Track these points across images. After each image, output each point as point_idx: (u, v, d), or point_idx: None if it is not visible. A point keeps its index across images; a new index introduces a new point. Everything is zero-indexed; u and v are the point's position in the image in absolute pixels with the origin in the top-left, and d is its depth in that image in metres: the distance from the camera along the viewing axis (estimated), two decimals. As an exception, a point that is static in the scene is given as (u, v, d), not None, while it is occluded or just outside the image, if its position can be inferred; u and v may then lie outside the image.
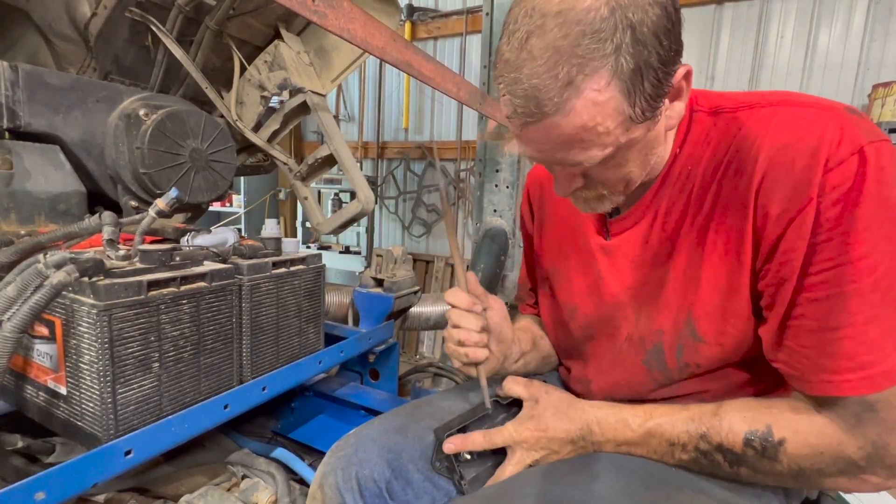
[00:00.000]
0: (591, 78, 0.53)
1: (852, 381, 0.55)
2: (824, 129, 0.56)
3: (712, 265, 0.66)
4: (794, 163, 0.57)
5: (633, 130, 0.58)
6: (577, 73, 0.53)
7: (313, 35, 1.93)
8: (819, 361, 0.57)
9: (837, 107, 0.59)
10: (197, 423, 0.93)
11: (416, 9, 4.50)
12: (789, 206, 0.57)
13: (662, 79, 0.56)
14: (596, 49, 0.52)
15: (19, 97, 1.15)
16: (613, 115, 0.55)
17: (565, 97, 0.54)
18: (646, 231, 0.73)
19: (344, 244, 4.91)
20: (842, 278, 0.54)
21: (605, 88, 0.53)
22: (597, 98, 0.54)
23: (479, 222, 2.24)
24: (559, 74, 0.53)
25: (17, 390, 0.92)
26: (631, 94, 0.54)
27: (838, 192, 0.54)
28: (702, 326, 0.68)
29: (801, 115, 0.59)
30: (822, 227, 0.55)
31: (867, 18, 3.10)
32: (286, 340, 1.17)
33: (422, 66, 1.18)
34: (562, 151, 0.60)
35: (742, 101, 0.66)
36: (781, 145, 0.58)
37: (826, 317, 0.56)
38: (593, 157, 0.60)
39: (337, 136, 1.73)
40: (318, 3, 0.82)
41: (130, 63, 1.62)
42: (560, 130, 0.57)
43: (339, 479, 0.74)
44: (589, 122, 0.55)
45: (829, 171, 0.54)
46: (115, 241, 0.89)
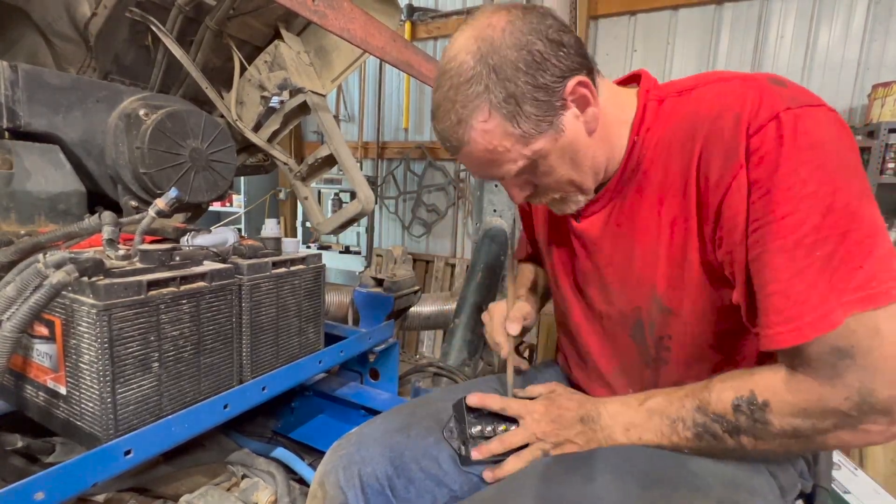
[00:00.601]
0: (475, 113, 0.66)
1: (783, 333, 0.57)
2: (744, 97, 0.61)
3: (667, 239, 0.71)
4: (722, 131, 0.62)
5: (534, 143, 0.68)
6: (462, 113, 0.66)
7: (313, 35, 1.93)
8: (761, 318, 0.60)
9: (760, 77, 0.64)
10: (197, 422, 0.93)
11: (416, 9, 4.49)
12: (724, 172, 0.62)
13: (544, 98, 0.66)
14: (472, 92, 0.65)
15: (19, 97, 1.15)
16: (505, 137, 0.67)
17: (461, 133, 0.68)
18: (608, 216, 0.79)
19: (344, 244, 4.91)
20: (768, 236, 0.58)
21: (489, 118, 0.66)
22: (485, 127, 0.66)
23: (479, 222, 2.23)
24: (452, 117, 0.67)
25: (16, 390, 0.92)
26: (512, 118, 0.65)
27: (759, 155, 0.59)
28: (666, 298, 0.72)
29: (726, 89, 0.65)
30: (752, 189, 0.59)
31: (867, 18, 3.10)
32: (286, 340, 1.17)
33: (422, 66, 1.18)
34: (485, 170, 0.73)
35: (685, 84, 0.72)
36: (713, 117, 0.64)
37: (759, 274, 0.59)
38: (509, 170, 0.71)
39: (337, 136, 1.73)
40: (318, 3, 0.82)
41: (130, 63, 1.62)
42: (473, 156, 0.70)
43: (340, 477, 0.75)
44: (488, 146, 0.68)
45: (751, 137, 0.59)
46: (115, 240, 0.89)
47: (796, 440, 0.60)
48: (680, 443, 0.67)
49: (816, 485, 0.81)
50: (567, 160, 0.72)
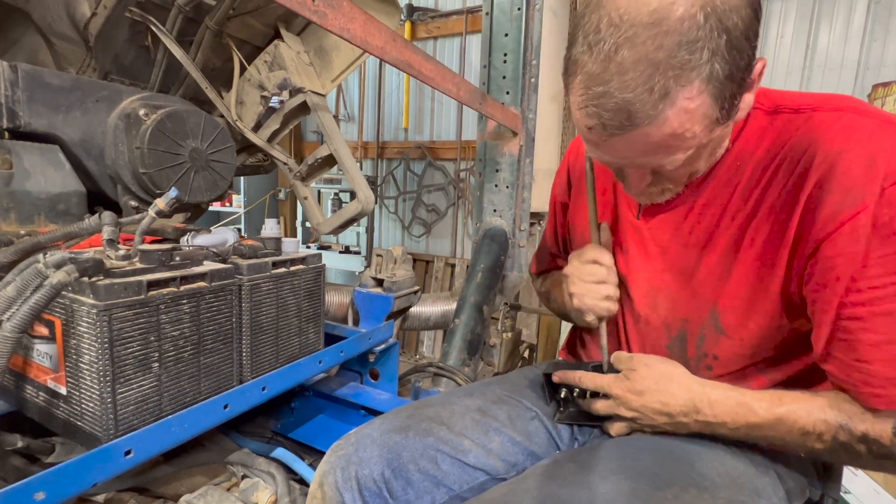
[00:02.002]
0: (686, 87, 0.52)
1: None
2: (883, 140, 0.56)
3: (746, 261, 0.66)
4: (850, 168, 0.56)
5: (716, 131, 0.58)
6: (673, 85, 0.52)
7: (313, 35, 1.93)
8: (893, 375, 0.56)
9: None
10: (197, 423, 0.93)
11: (416, 9, 4.50)
12: (840, 209, 0.56)
13: (746, 76, 0.55)
14: (692, 59, 0.50)
15: (19, 97, 1.15)
16: (701, 120, 0.55)
17: (660, 109, 0.53)
18: (680, 219, 0.73)
19: (344, 244, 4.92)
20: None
21: (697, 96, 0.53)
22: (688, 106, 0.53)
23: (479, 222, 2.23)
24: (654, 87, 0.52)
25: (16, 390, 0.92)
26: (720, 98, 0.54)
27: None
28: (725, 319, 0.69)
29: (861, 124, 0.59)
30: (882, 240, 0.54)
31: (867, 18, 3.11)
32: (286, 340, 1.17)
33: (422, 66, 1.18)
34: (645, 157, 0.60)
35: (804, 102, 0.65)
36: (839, 150, 0.58)
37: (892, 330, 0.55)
38: (676, 160, 0.60)
39: (337, 136, 1.73)
40: (318, 3, 0.82)
41: (130, 63, 1.62)
42: (648, 139, 0.56)
43: (338, 478, 0.74)
44: (678, 130, 0.55)
45: (892, 185, 0.54)
46: (115, 240, 0.89)
47: None
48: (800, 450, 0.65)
49: (825, 494, 0.80)
50: (713, 150, 0.64)
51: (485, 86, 2.09)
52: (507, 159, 2.12)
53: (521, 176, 2.13)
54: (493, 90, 2.06)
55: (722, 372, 0.73)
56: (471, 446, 0.80)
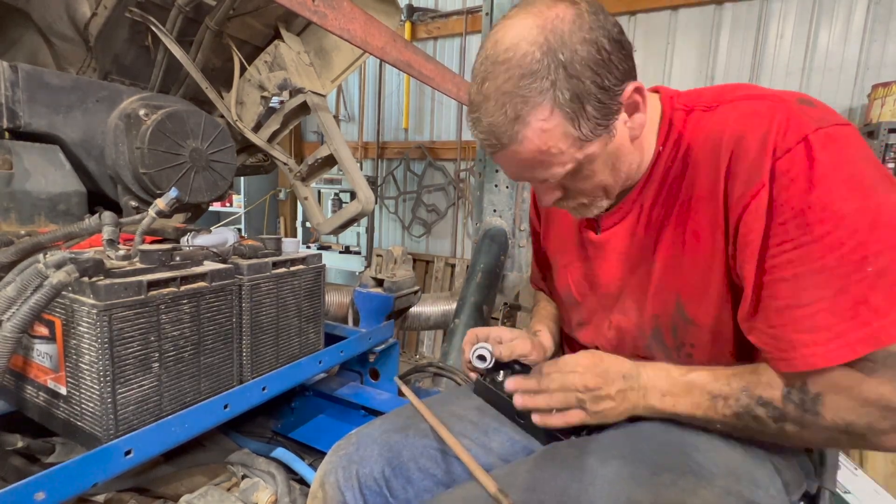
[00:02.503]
0: (535, 111, 0.62)
1: (833, 349, 0.57)
2: (772, 119, 0.61)
3: (692, 250, 0.71)
4: (747, 151, 0.62)
5: (588, 147, 0.66)
6: (521, 109, 0.62)
7: (313, 35, 1.94)
8: (793, 338, 0.59)
9: (789, 98, 0.64)
10: (197, 423, 0.93)
11: (416, 9, 4.50)
12: (745, 190, 0.62)
13: (606, 101, 0.64)
14: (535, 87, 0.61)
15: (19, 97, 1.15)
16: (562, 138, 0.64)
17: (515, 130, 0.64)
18: (632, 225, 0.78)
19: (344, 244, 4.92)
20: (806, 257, 0.58)
21: (550, 117, 0.62)
22: (543, 126, 0.63)
23: (479, 222, 2.24)
24: (508, 112, 0.63)
25: (17, 390, 0.92)
26: (574, 118, 0.63)
27: (787, 178, 0.59)
28: (690, 309, 0.73)
29: (754, 107, 0.65)
30: (777, 210, 0.59)
31: (867, 18, 3.10)
32: (286, 340, 1.17)
33: (422, 66, 1.18)
34: (528, 171, 0.70)
35: (712, 99, 0.71)
36: (738, 136, 0.64)
37: (794, 294, 0.59)
38: (556, 173, 0.68)
39: (337, 136, 1.74)
40: (318, 4, 0.82)
41: (130, 63, 1.62)
42: (520, 156, 0.67)
43: (339, 477, 0.75)
44: (542, 147, 0.65)
45: (778, 159, 0.59)
46: (115, 241, 0.89)
47: (848, 436, 0.60)
48: (715, 418, 0.67)
49: (822, 486, 0.81)
50: (609, 165, 0.71)
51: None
52: (507, 159, 2.12)
53: (521, 176, 2.13)
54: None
55: (702, 359, 0.75)
56: (470, 445, 0.80)
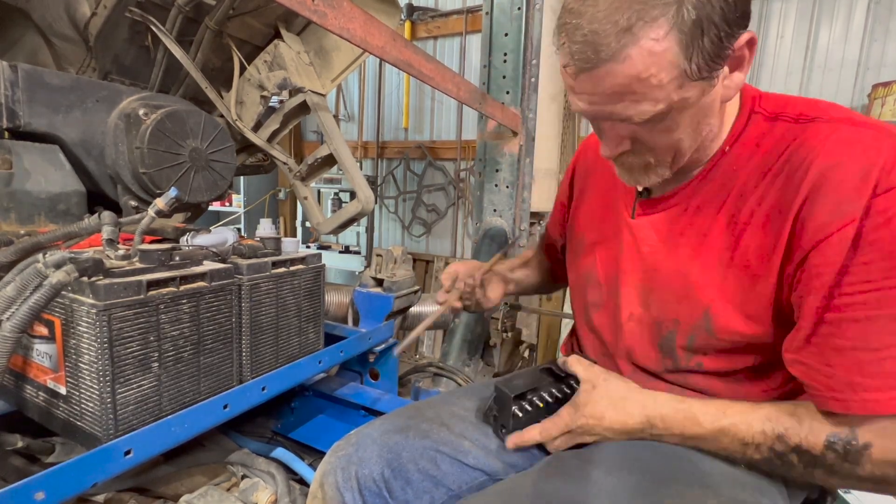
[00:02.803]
0: (650, 26, 0.53)
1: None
2: (879, 153, 0.56)
3: (740, 267, 0.66)
4: (842, 182, 0.57)
5: (687, 88, 0.58)
6: (636, 20, 0.53)
7: (313, 35, 1.93)
8: (852, 380, 0.57)
9: (894, 131, 0.59)
10: (197, 422, 0.93)
11: (416, 8, 4.50)
12: (830, 220, 0.57)
13: (724, 38, 0.55)
14: None
15: (19, 97, 1.15)
16: (668, 68, 0.55)
17: (622, 43, 0.54)
18: (672, 219, 0.73)
19: (344, 244, 4.91)
20: (885, 301, 0.55)
21: (663, 38, 0.54)
22: (654, 47, 0.54)
23: (479, 222, 2.24)
24: (619, 20, 0.53)
25: (16, 390, 0.92)
26: (689, 47, 0.54)
27: (884, 217, 0.55)
28: (717, 322, 0.69)
29: (858, 136, 0.59)
30: (863, 248, 0.55)
31: (867, 18, 3.11)
32: (286, 340, 1.17)
33: (422, 66, 1.18)
34: (612, 103, 0.60)
35: (804, 111, 0.65)
36: (834, 163, 0.58)
37: (864, 337, 0.56)
38: (644, 111, 0.59)
39: (337, 135, 1.73)
40: (317, 3, 0.82)
41: (130, 63, 1.62)
42: (613, 79, 0.57)
43: (338, 478, 0.75)
44: (643, 73, 0.55)
45: (878, 196, 0.55)
46: (115, 240, 0.89)
47: (875, 485, 0.59)
48: (739, 459, 0.66)
49: (825, 490, 0.80)
50: (694, 123, 0.63)
51: (485, 85, 2.09)
52: (507, 159, 2.13)
53: (521, 175, 2.13)
54: (493, 90, 2.06)
55: (711, 370, 0.73)
56: (470, 447, 0.80)
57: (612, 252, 0.84)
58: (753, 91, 0.70)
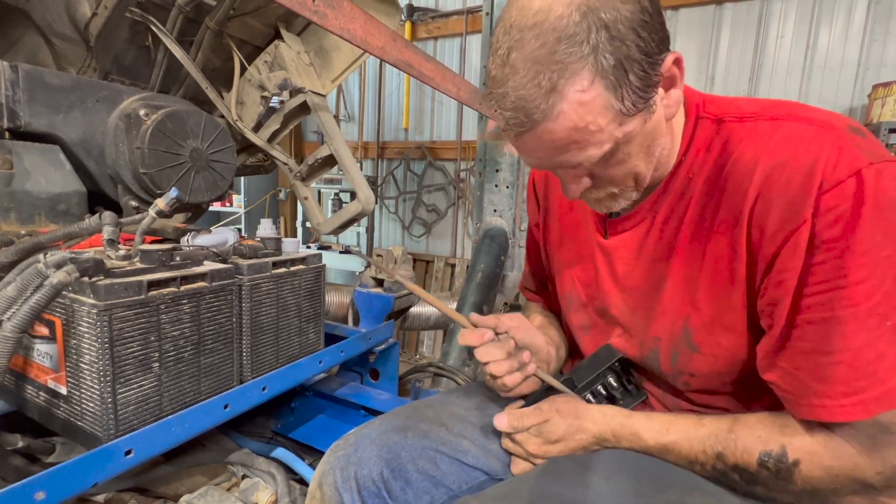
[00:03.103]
0: (573, 80, 0.54)
1: (846, 406, 0.55)
2: (821, 148, 0.55)
3: (709, 277, 0.66)
4: (789, 182, 0.56)
5: (628, 124, 0.58)
6: (558, 78, 0.54)
7: (313, 35, 1.94)
8: (811, 385, 0.57)
9: (839, 125, 0.58)
10: (197, 422, 0.93)
11: (416, 9, 4.50)
12: (783, 225, 0.57)
13: (648, 69, 0.56)
14: (573, 52, 0.53)
15: (19, 97, 1.15)
16: (603, 112, 0.56)
17: (551, 102, 0.55)
18: (643, 235, 0.73)
19: (344, 244, 4.91)
20: (837, 302, 0.54)
21: (590, 87, 0.54)
22: (582, 98, 0.55)
23: (479, 222, 2.24)
24: (541, 82, 0.55)
25: (17, 390, 0.92)
26: (617, 88, 0.55)
27: (834, 214, 0.54)
28: (697, 337, 0.69)
29: (800, 133, 0.58)
30: (818, 248, 0.55)
31: (867, 18, 3.11)
32: (286, 340, 1.17)
33: (422, 66, 1.18)
34: (560, 155, 0.61)
35: (746, 110, 0.65)
36: (777, 163, 0.58)
37: (821, 339, 0.56)
38: (592, 156, 0.60)
39: (337, 136, 1.74)
40: (318, 3, 0.82)
41: (130, 63, 1.62)
42: (553, 135, 0.58)
43: (337, 478, 0.74)
44: (580, 123, 0.56)
45: (825, 193, 0.54)
46: (116, 240, 0.89)
47: (811, 497, 0.60)
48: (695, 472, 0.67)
49: None
50: (644, 148, 0.63)
51: (485, 86, 2.08)
52: (507, 159, 2.13)
53: (521, 176, 2.13)
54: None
55: (700, 387, 0.72)
56: (470, 447, 0.80)
57: (590, 274, 0.83)
58: (697, 97, 0.70)
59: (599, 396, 0.81)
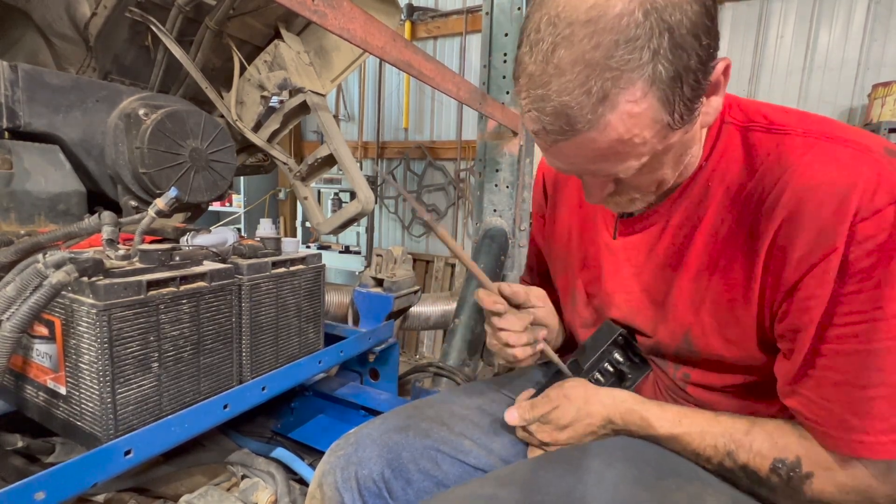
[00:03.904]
0: (627, 90, 0.49)
1: (886, 443, 0.54)
2: (859, 173, 0.53)
3: (718, 289, 0.65)
4: (821, 207, 0.53)
5: (671, 137, 0.55)
6: (611, 87, 0.49)
7: (313, 35, 1.93)
8: (846, 418, 0.56)
9: (876, 148, 0.55)
10: (197, 422, 0.93)
11: (416, 8, 4.50)
12: (811, 251, 0.54)
13: (702, 79, 0.52)
14: (631, 59, 0.48)
15: (19, 97, 1.15)
16: (651, 125, 0.52)
17: (599, 113, 0.50)
18: (654, 239, 0.72)
19: (344, 244, 4.91)
20: (874, 334, 0.52)
21: (642, 99, 0.50)
22: (633, 110, 0.50)
23: (479, 222, 2.23)
24: (592, 89, 0.49)
25: (16, 390, 0.92)
26: (669, 101, 0.51)
27: (872, 244, 0.51)
28: (699, 345, 0.68)
29: (835, 154, 0.55)
30: (851, 278, 0.53)
31: (867, 18, 3.10)
32: (286, 340, 1.17)
33: (422, 66, 1.18)
34: (596, 164, 0.57)
35: (776, 121, 0.62)
36: (810, 186, 0.55)
37: (855, 372, 0.54)
38: (629, 167, 0.57)
39: (337, 135, 1.73)
40: (317, 3, 0.82)
41: (130, 63, 1.62)
42: (594, 145, 0.54)
43: (338, 478, 0.74)
44: (625, 135, 0.52)
45: (862, 221, 0.51)
46: (115, 240, 0.89)
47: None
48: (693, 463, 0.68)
49: None
50: (676, 157, 0.61)
51: (485, 86, 2.08)
52: (507, 159, 2.12)
53: (521, 176, 2.13)
54: (493, 90, 2.06)
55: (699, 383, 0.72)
56: (471, 447, 0.80)
57: (595, 272, 0.82)
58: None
59: (607, 374, 0.80)
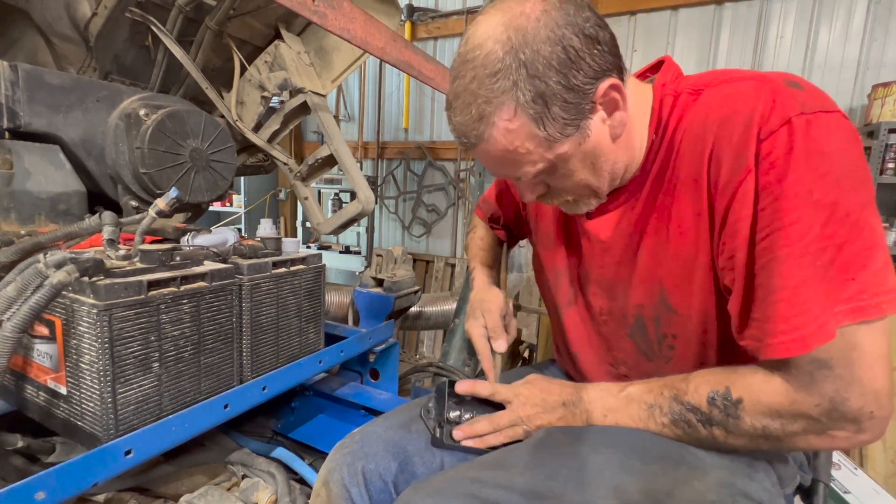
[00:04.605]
0: (500, 111, 0.62)
1: (785, 342, 0.57)
2: (757, 100, 0.59)
3: (677, 239, 0.70)
4: (732, 134, 0.61)
5: (558, 147, 0.65)
6: (485, 108, 0.62)
7: (314, 35, 1.94)
8: (764, 326, 0.59)
9: (775, 79, 0.62)
10: (197, 422, 0.93)
11: (416, 9, 4.50)
12: (732, 176, 0.60)
13: (574, 101, 0.62)
14: (498, 87, 0.61)
15: (19, 97, 1.15)
16: (529, 138, 0.64)
17: (481, 129, 0.64)
18: (620, 216, 0.77)
19: (344, 244, 4.91)
20: (775, 244, 0.57)
21: (515, 118, 0.62)
22: (509, 126, 0.63)
23: (479, 222, 2.23)
24: (473, 111, 0.63)
25: (17, 390, 0.92)
26: (539, 119, 0.62)
27: (769, 161, 0.58)
28: (673, 298, 0.72)
29: (739, 89, 0.63)
30: (760, 195, 0.58)
31: (867, 18, 3.10)
32: (286, 340, 1.17)
33: (422, 66, 1.18)
34: (501, 168, 0.70)
35: (698, 82, 0.69)
36: (723, 119, 0.62)
37: (766, 282, 0.58)
38: (527, 172, 0.68)
39: (337, 136, 1.74)
40: (318, 4, 0.82)
41: (130, 63, 1.62)
42: (490, 154, 0.67)
43: (344, 474, 0.75)
44: (509, 146, 0.65)
45: (762, 141, 0.58)
46: (116, 240, 0.89)
47: (766, 440, 0.62)
48: (655, 429, 0.69)
49: (815, 479, 0.82)
50: (588, 165, 0.69)
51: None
52: (507, 159, 2.12)
53: (521, 176, 2.12)
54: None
55: (685, 353, 0.75)
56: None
57: (575, 250, 0.87)
58: (664, 77, 0.73)
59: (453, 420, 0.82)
